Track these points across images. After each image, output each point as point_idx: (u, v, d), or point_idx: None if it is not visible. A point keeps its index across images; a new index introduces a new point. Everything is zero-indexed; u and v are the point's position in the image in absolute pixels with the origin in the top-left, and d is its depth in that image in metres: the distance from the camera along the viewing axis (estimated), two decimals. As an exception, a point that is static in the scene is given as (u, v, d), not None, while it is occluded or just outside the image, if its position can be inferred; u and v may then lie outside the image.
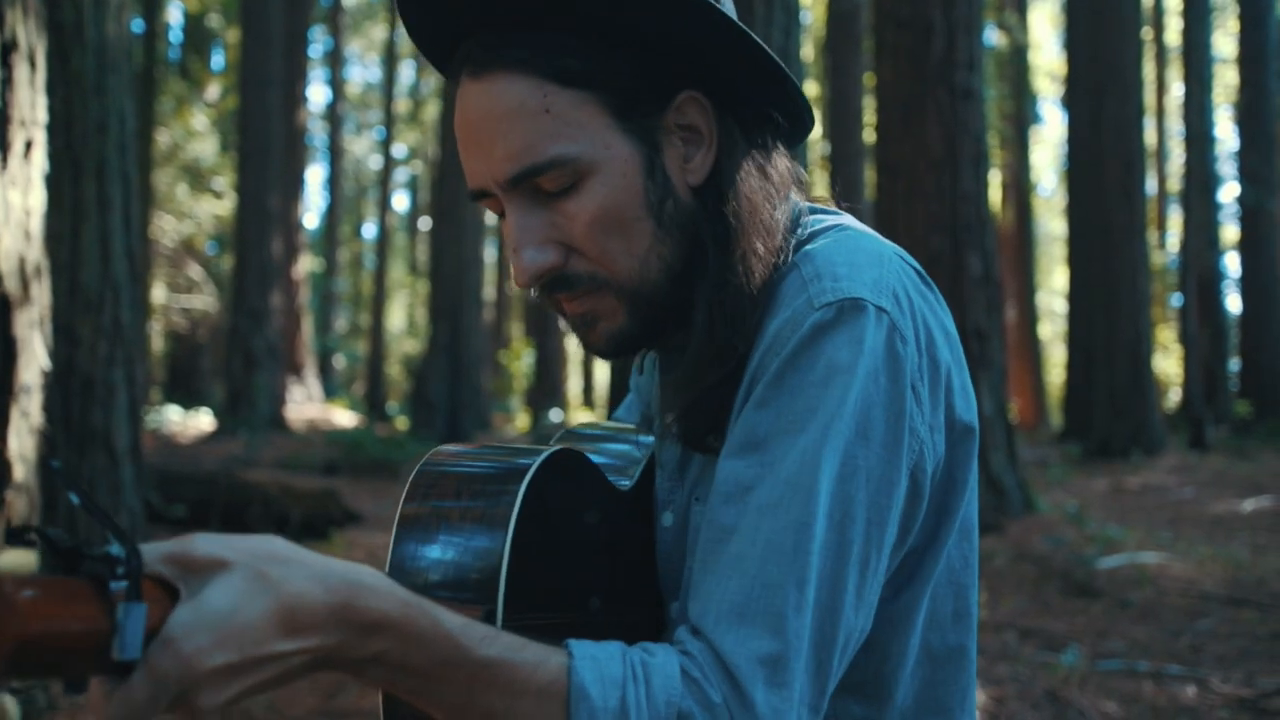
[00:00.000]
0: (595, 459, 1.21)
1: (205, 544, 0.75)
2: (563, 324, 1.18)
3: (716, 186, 1.08)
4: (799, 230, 1.13)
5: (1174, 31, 25.13)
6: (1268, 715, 3.66)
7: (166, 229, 19.91)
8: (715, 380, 1.05)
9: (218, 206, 20.75)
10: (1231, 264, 20.97)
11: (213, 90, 23.29)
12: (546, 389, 22.02)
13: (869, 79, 14.54)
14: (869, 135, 15.15)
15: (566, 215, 1.04)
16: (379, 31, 33.12)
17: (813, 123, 1.19)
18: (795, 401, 0.97)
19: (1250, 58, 16.97)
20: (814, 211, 1.18)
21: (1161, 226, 27.32)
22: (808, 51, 23.59)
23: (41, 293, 3.32)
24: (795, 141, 1.21)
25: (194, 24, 23.83)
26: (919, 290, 1.07)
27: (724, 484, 0.99)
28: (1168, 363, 23.95)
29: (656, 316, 1.10)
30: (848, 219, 1.18)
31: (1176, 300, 26.86)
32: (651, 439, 1.33)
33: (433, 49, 1.12)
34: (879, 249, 1.07)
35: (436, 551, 1.00)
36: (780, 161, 1.14)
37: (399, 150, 34.62)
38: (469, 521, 1.00)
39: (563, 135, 1.01)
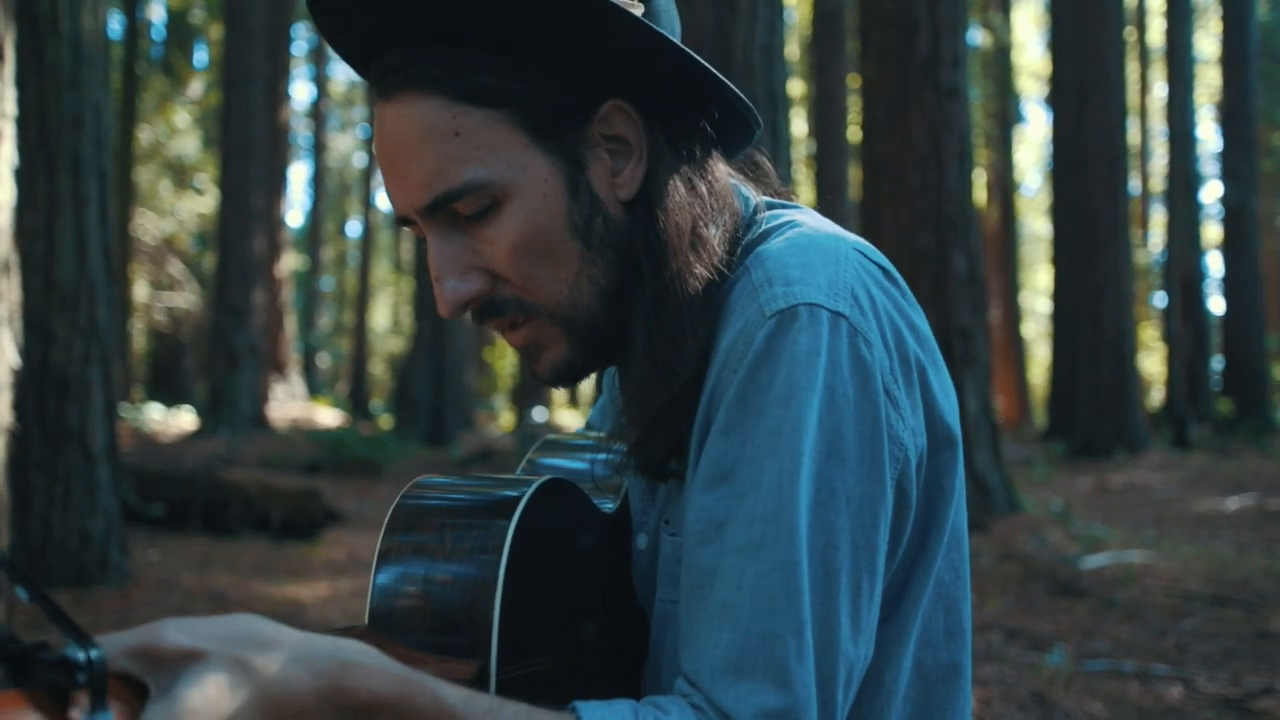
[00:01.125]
0: (576, 473, 1.16)
1: (174, 632, 0.68)
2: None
3: (648, 200, 1.02)
4: (751, 230, 1.06)
5: (1156, 32, 25.24)
6: (1254, 715, 3.64)
7: (148, 226, 19.77)
8: (664, 403, 0.99)
9: (200, 204, 20.63)
10: (1213, 263, 21.09)
11: (195, 87, 23.14)
12: (531, 387, 21.98)
13: (853, 78, 14.54)
14: (853, 134, 15.15)
15: (487, 241, 0.99)
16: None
17: (758, 125, 1.11)
18: (759, 425, 0.90)
19: (1233, 58, 17.03)
20: (770, 206, 1.11)
21: (1144, 226, 27.45)
22: (792, 50, 23.60)
23: (10, 288, 3.26)
24: (740, 146, 1.15)
25: (176, 20, 23.69)
26: (881, 287, 0.99)
27: (697, 522, 0.92)
28: (1150, 361, 24.07)
29: (599, 340, 1.04)
30: (805, 213, 1.10)
31: (1158, 299, 27.04)
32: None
33: (353, 60, 1.06)
34: (835, 245, 1.00)
35: (421, 593, 0.94)
36: (718, 168, 1.07)
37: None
38: (456, 560, 0.94)
39: (474, 158, 0.96)
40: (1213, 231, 21.38)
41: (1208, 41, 25.60)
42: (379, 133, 1.00)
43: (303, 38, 30.76)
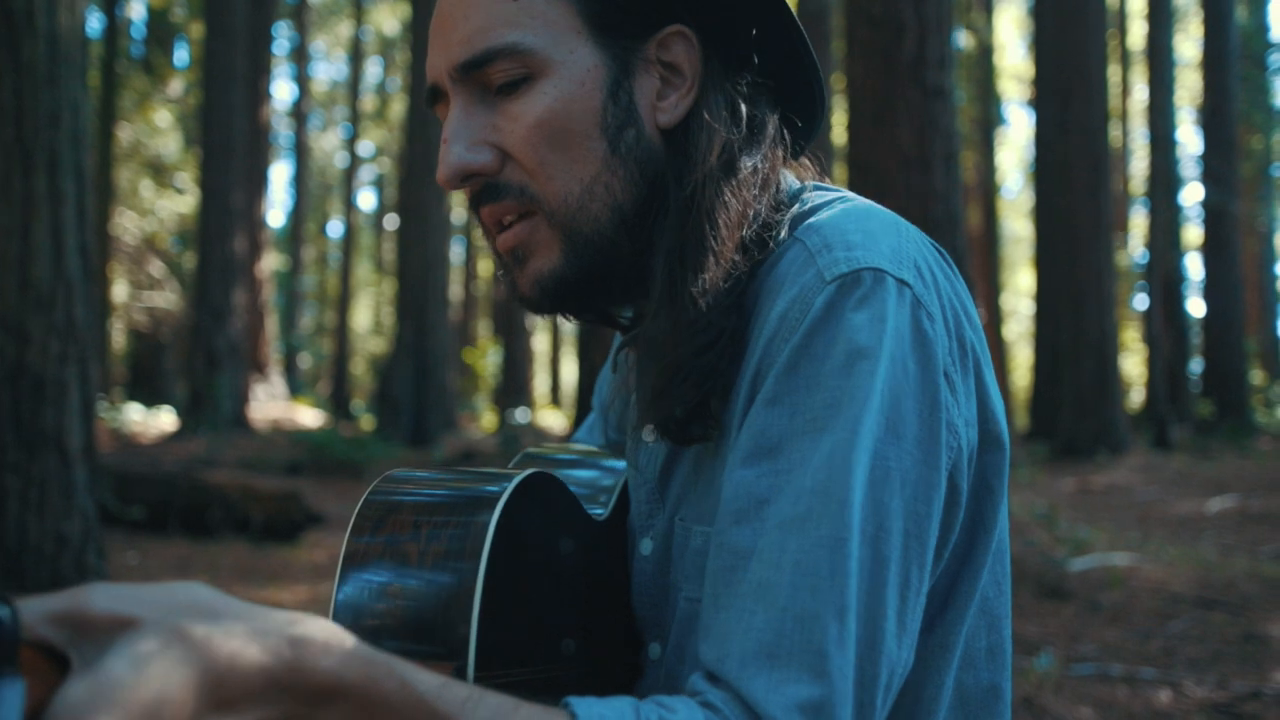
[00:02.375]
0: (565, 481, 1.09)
1: (105, 598, 0.58)
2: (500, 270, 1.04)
3: (687, 133, 0.96)
4: (798, 205, 0.99)
5: (1136, 35, 25.37)
6: (1244, 718, 3.63)
7: (128, 226, 19.61)
8: (690, 350, 0.89)
9: (180, 203, 20.47)
10: (1191, 265, 21.22)
11: (176, 85, 22.97)
12: (513, 388, 21.92)
13: (837, 79, 14.55)
14: (838, 134, 15.17)
15: (510, 117, 0.93)
16: (345, 28, 32.85)
17: (824, 105, 1.06)
18: (813, 395, 0.82)
19: (1214, 62, 17.12)
20: (817, 189, 1.05)
21: (1124, 228, 27.58)
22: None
23: (-14, 289, 3.20)
24: (806, 129, 1.08)
25: (157, 18, 23.51)
26: (940, 266, 0.93)
27: (735, 499, 0.83)
28: (1129, 363, 24.18)
29: (598, 262, 0.96)
30: (852, 195, 1.04)
31: (1138, 301, 27.19)
32: (623, 464, 1.16)
33: None
34: (894, 218, 0.94)
35: (391, 596, 0.84)
36: (770, 124, 1.00)
37: (365, 148, 34.35)
38: (430, 563, 0.84)
39: (523, 24, 0.92)
40: (1192, 234, 21.50)
41: (1187, 45, 25.75)
42: (439, 1, 0.97)
43: (284, 36, 30.63)
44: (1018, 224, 33.95)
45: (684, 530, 0.98)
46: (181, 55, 25.99)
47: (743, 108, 0.98)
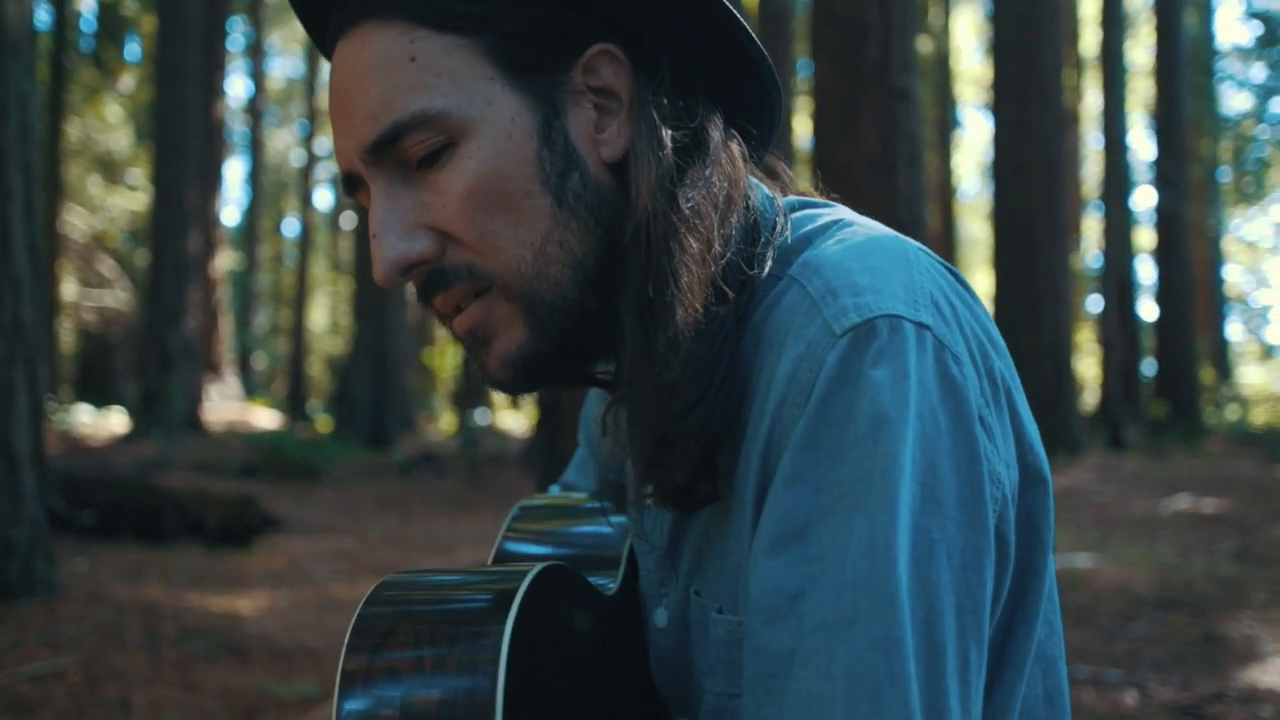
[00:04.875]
0: (566, 550, 1.00)
1: None
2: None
3: (628, 167, 0.87)
4: (779, 233, 0.89)
5: (1088, 42, 25.72)
6: (1209, 722, 3.64)
7: (77, 223, 19.25)
8: (678, 411, 0.80)
9: (132, 200, 20.13)
10: (1141, 268, 21.53)
11: (127, 80, 22.58)
12: (471, 389, 21.77)
13: (800, 83, 14.59)
14: (800, 138, 15.19)
15: (437, 191, 0.83)
16: (301, 24, 32.47)
17: (778, 99, 0.95)
18: (838, 469, 0.72)
19: (1166, 68, 17.38)
20: (800, 206, 0.95)
21: (1076, 231, 27.96)
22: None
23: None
24: (757, 124, 0.96)
25: (107, 12, 23.10)
26: (956, 292, 0.83)
27: (765, 595, 0.73)
28: (1084, 365, 24.49)
29: (567, 329, 0.86)
30: (842, 210, 0.94)
31: (1091, 303, 27.56)
32: (624, 519, 1.09)
33: (312, 17, 0.93)
34: (900, 246, 0.84)
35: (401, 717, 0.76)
36: (716, 135, 0.89)
37: (322, 145, 34.00)
38: (441, 680, 0.76)
39: (428, 86, 0.81)
40: (1143, 237, 21.81)
41: (1138, 51, 26.13)
42: (331, 80, 0.86)
43: (239, 32, 30.23)
44: (975, 226, 34.30)
45: (701, 609, 0.89)
46: (133, 49, 25.58)
47: (668, 129, 0.86)
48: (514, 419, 25.04)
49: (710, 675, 0.87)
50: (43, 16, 18.57)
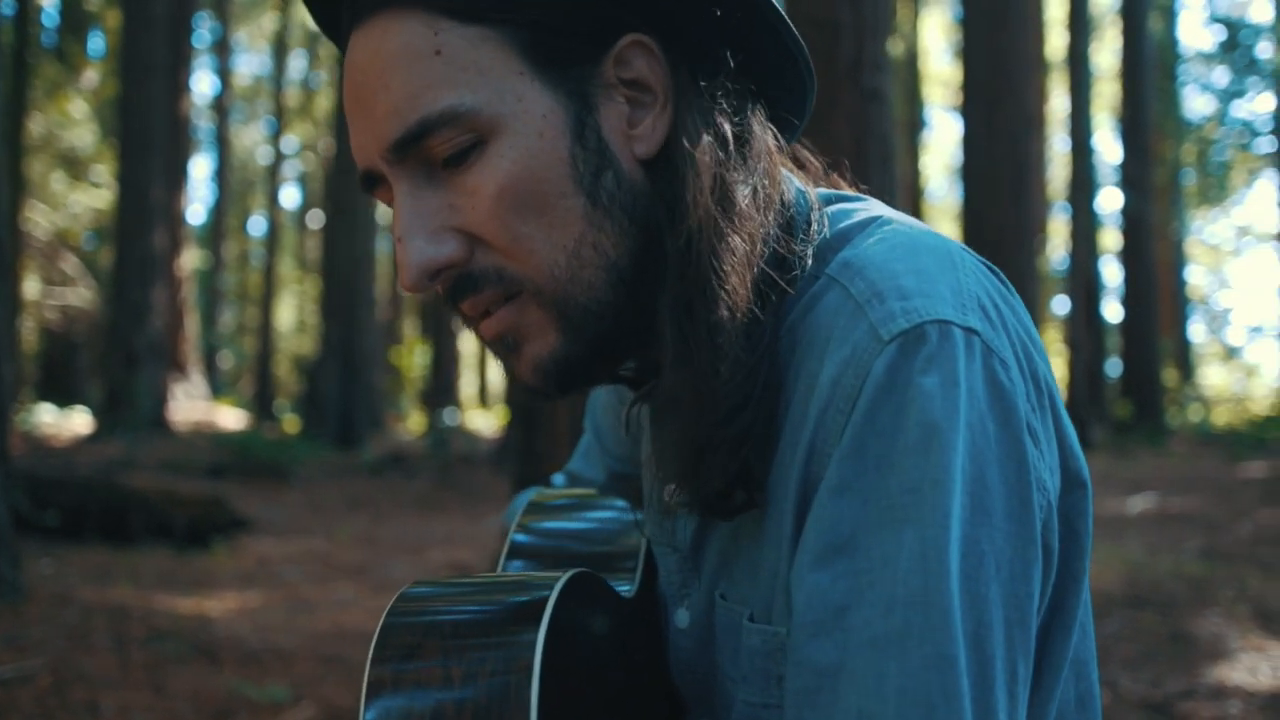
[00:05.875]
0: (581, 547, 0.97)
1: None
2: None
3: (670, 162, 0.82)
4: (816, 228, 0.85)
5: (1054, 45, 25.96)
6: (1179, 718, 3.68)
7: (40, 220, 18.98)
8: (718, 418, 0.78)
9: (96, 197, 19.88)
10: (1105, 269, 21.79)
11: (91, 76, 22.30)
12: (440, 388, 21.67)
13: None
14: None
15: (466, 192, 0.79)
16: (268, 20, 32.21)
17: (812, 89, 0.92)
18: (887, 479, 0.70)
19: (1131, 71, 17.57)
20: (833, 200, 0.91)
21: (1042, 232, 28.22)
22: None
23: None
24: (791, 111, 0.93)
25: (70, 6, 22.80)
26: (1000, 294, 0.81)
27: (810, 608, 0.71)
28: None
29: (601, 332, 0.83)
30: (877, 204, 0.91)
31: (1056, 304, 27.83)
32: (635, 513, 1.07)
33: (322, 4, 0.89)
34: (944, 245, 0.81)
35: None
36: (761, 133, 0.86)
37: (289, 143, 33.75)
38: (471, 691, 0.74)
39: (457, 82, 0.77)
40: (1106, 239, 22.05)
41: (1103, 55, 26.42)
42: (347, 71, 0.82)
43: (205, 27, 29.92)
44: (943, 227, 34.48)
45: (729, 613, 0.87)
46: (97, 45, 25.28)
47: (725, 122, 0.83)
48: (483, 419, 24.97)
49: (743, 684, 0.85)
50: (3, 10, 18.31)
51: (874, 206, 0.90)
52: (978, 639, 0.68)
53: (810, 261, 0.83)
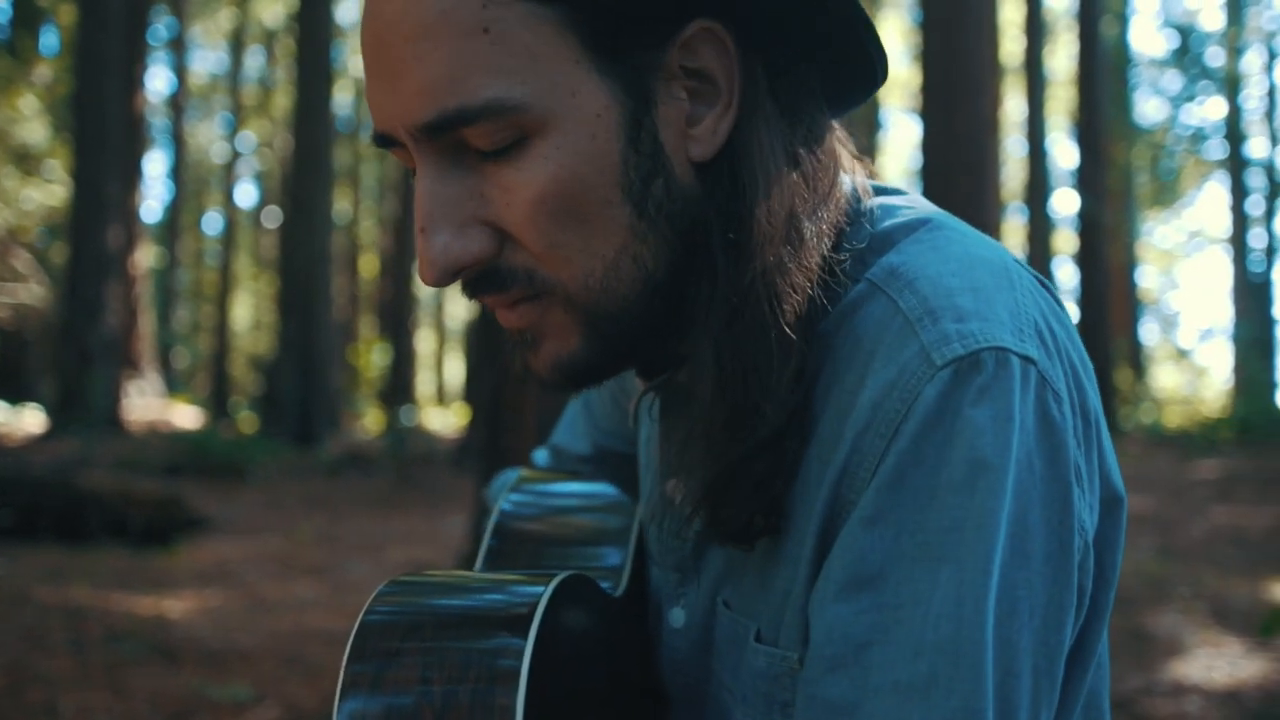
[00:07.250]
0: (570, 535, 0.96)
1: None
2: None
3: (732, 166, 0.74)
4: (862, 225, 0.79)
5: (1009, 51, 26.29)
6: (1137, 716, 3.74)
7: (-11, 216, 18.63)
8: (750, 448, 0.72)
9: (49, 194, 19.54)
10: (1058, 271, 22.09)
11: (43, 72, 21.92)
12: (398, 387, 21.54)
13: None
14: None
15: (502, 187, 0.71)
16: (225, 17, 31.83)
17: (885, 74, 0.81)
18: (926, 514, 0.65)
19: (1086, 77, 17.81)
20: (874, 193, 0.84)
21: (997, 235, 28.58)
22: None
23: None
24: (854, 101, 0.85)
25: (23, 1, 22.40)
26: (1055, 313, 0.75)
27: (829, 642, 0.67)
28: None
29: (625, 342, 0.77)
30: (921, 201, 0.83)
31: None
32: (625, 499, 1.04)
33: None
34: (1001, 259, 0.75)
35: None
36: (825, 134, 0.79)
37: (246, 140, 33.38)
38: (453, 694, 0.70)
39: (505, 70, 0.68)
40: (1059, 241, 22.35)
41: (1057, 59, 26.77)
42: (368, 21, 0.71)
43: (161, 24, 29.52)
44: (900, 230, 34.81)
45: (733, 624, 0.82)
46: (50, 40, 24.85)
47: (797, 134, 0.76)
48: (440, 417, 24.85)
49: (742, 704, 0.81)
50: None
51: (919, 204, 0.83)
52: (1004, 689, 0.65)
53: (851, 262, 0.76)
